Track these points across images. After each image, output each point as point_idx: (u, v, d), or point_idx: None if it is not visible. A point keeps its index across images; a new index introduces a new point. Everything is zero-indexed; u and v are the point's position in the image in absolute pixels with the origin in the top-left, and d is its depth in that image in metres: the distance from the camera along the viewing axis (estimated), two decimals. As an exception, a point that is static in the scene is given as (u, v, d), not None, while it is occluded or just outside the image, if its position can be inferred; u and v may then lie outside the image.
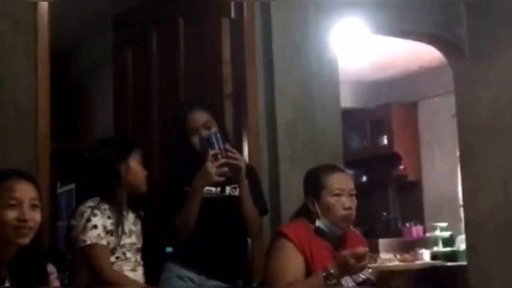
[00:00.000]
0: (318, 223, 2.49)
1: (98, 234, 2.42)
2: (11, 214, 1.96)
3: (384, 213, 6.86)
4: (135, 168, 2.55)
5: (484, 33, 4.09)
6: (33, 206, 2.01)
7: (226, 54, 3.23)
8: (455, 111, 4.41)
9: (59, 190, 5.82)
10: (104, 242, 2.43)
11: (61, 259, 2.46)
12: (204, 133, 2.66)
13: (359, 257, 2.28)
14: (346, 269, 2.29)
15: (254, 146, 3.18)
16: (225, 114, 3.15)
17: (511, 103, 3.98)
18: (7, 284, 1.98)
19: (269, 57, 3.26)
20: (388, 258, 5.83)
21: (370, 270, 2.47)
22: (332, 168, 2.61)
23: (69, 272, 2.52)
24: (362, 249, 2.32)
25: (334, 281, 2.29)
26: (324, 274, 2.29)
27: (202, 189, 2.60)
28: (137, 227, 2.61)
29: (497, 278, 3.94)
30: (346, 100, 5.44)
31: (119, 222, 2.49)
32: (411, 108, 6.75)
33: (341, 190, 2.49)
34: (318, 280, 2.30)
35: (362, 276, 2.46)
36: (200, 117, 2.70)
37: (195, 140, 2.68)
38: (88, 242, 2.40)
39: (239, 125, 3.20)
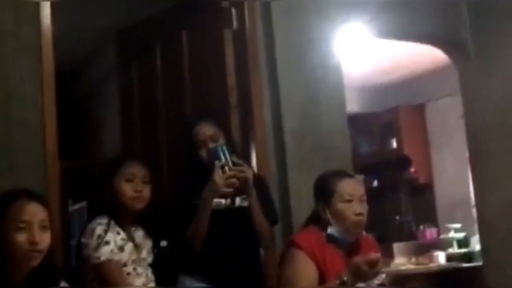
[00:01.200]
0: (329, 230, 2.47)
1: (112, 250, 2.42)
2: (21, 238, 1.96)
3: (397, 217, 6.82)
4: (119, 188, 2.52)
5: (488, 33, 4.08)
6: (43, 228, 2.00)
7: (230, 65, 3.24)
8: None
9: (71, 208, 5.84)
10: (117, 257, 2.43)
11: (75, 276, 2.45)
12: (212, 145, 2.67)
13: (372, 264, 2.26)
14: (360, 276, 2.27)
15: (262, 155, 3.18)
16: (231, 124, 3.15)
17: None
18: None
19: (273, 66, 3.27)
20: (402, 262, 5.79)
21: (384, 275, 2.46)
22: (342, 174, 2.60)
23: (83, 289, 2.52)
24: (374, 255, 2.30)
25: None
26: (337, 282, 2.27)
27: (211, 201, 2.60)
28: (147, 243, 2.62)
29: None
30: (353, 105, 5.46)
31: (128, 238, 2.50)
32: (419, 110, 6.72)
33: (352, 195, 2.48)
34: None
35: (376, 281, 2.44)
36: (207, 130, 2.72)
37: (203, 153, 2.69)
38: (102, 258, 2.40)
39: (246, 135, 3.20)
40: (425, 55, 5.64)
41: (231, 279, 2.65)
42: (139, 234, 2.58)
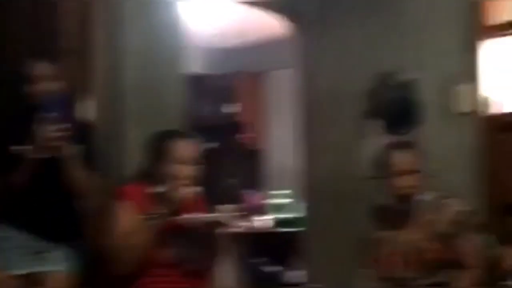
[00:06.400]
0: (158, 188, 2.47)
1: None
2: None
3: (224, 180, 6.94)
4: None
5: (329, 8, 4.19)
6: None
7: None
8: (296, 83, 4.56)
9: None
10: None
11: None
12: (43, 90, 2.60)
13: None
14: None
15: (98, 104, 3.12)
16: (70, 70, 3.01)
17: (351, 71, 4.05)
18: None
19: (114, 15, 3.17)
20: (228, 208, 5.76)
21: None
22: (178, 135, 2.61)
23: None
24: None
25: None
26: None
27: (33, 152, 2.52)
28: None
29: (331, 242, 4.09)
30: (194, 65, 5.43)
31: None
32: (259, 78, 6.86)
33: (186, 157, 2.50)
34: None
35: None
36: (42, 71, 2.65)
37: (34, 99, 2.60)
38: None
39: (84, 83, 3.11)
40: (271, 24, 5.73)
41: (46, 227, 2.61)
42: None
